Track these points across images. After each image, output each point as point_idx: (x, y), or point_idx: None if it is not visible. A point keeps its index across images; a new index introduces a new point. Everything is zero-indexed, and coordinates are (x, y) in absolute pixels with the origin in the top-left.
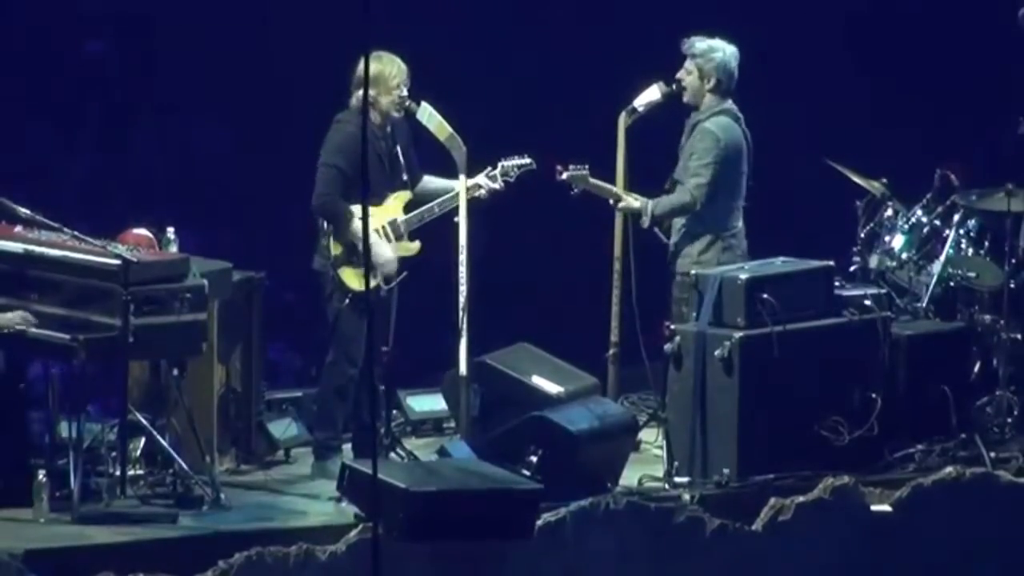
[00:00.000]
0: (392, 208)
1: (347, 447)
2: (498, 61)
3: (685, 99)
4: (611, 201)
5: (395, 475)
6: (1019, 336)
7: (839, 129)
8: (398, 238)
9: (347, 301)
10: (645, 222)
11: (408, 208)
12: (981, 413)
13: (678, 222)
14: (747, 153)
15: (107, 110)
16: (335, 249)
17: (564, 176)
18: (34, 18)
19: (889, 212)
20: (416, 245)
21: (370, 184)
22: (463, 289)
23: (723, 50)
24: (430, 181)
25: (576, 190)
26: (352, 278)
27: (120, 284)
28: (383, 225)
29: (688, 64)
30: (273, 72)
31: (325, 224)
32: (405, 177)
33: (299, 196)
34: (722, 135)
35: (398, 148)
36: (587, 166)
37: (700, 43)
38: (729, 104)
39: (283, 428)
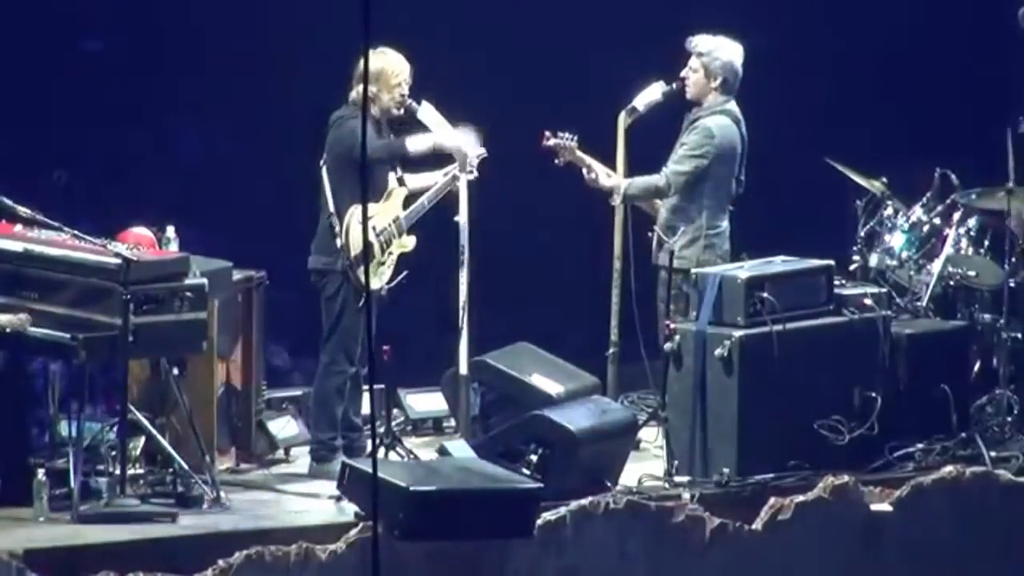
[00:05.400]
0: (395, 205)
1: None
2: (498, 60)
3: (688, 95)
4: (584, 172)
5: (395, 474)
6: (1019, 335)
7: (839, 129)
8: (400, 234)
9: (362, 303)
10: (616, 200)
11: (406, 204)
12: (981, 412)
13: (660, 217)
14: (741, 156)
15: (107, 110)
16: (354, 249)
17: (551, 143)
18: (34, 17)
19: (889, 211)
20: (412, 240)
21: (376, 179)
22: (463, 288)
23: (729, 49)
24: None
25: (561, 160)
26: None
27: (120, 283)
28: (390, 223)
29: (693, 62)
30: (274, 71)
31: (338, 226)
32: (400, 173)
33: (299, 196)
34: (718, 133)
35: None
36: (575, 137)
37: (706, 41)
38: (731, 105)
39: (283, 427)
